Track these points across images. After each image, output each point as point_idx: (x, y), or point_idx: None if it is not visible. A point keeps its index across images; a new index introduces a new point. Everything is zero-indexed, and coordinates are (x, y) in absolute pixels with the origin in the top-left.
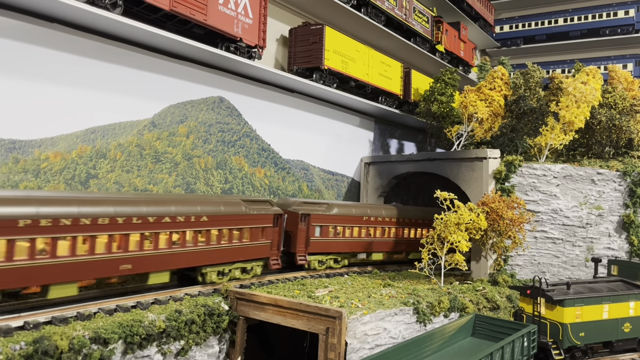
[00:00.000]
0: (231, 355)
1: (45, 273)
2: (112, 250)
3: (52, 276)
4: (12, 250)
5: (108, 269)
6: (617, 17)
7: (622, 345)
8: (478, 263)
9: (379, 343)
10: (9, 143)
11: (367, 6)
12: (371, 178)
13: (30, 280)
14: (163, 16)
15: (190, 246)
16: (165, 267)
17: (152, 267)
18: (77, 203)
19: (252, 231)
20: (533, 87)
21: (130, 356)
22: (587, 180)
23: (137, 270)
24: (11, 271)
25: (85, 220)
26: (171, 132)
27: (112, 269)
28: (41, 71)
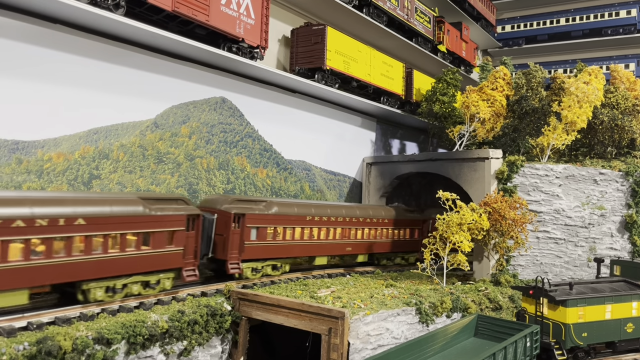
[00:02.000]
0: (234, 356)
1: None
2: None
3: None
4: None
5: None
6: (619, 17)
7: (624, 345)
8: (480, 263)
9: (381, 343)
10: (12, 144)
11: (368, 6)
12: (373, 178)
13: None
14: (165, 17)
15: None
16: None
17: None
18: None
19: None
20: (535, 87)
21: (133, 356)
22: (590, 181)
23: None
24: None
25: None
26: (173, 133)
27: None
28: (44, 72)
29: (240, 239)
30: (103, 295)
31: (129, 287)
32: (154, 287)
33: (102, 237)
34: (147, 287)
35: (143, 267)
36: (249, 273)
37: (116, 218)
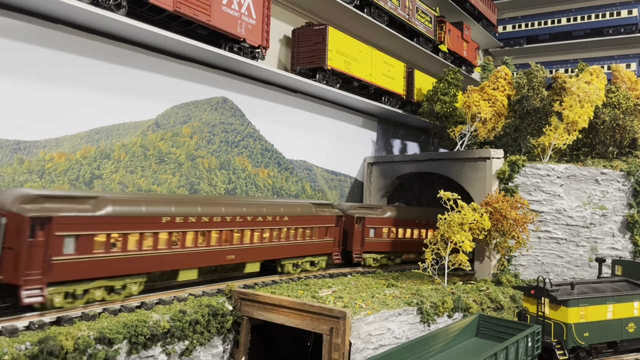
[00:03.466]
0: (235, 356)
1: None
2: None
3: None
4: None
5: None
6: (620, 17)
7: (626, 345)
8: (482, 263)
9: (382, 343)
10: (14, 144)
11: (370, 6)
12: (374, 178)
13: None
14: (167, 17)
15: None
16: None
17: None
18: None
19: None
20: (536, 87)
21: (135, 356)
22: (591, 180)
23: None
24: None
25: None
26: (175, 133)
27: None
28: (45, 72)
29: (362, 236)
30: (291, 269)
31: (303, 265)
32: (316, 265)
33: (294, 230)
34: (312, 265)
35: (313, 251)
36: (371, 262)
37: (302, 217)
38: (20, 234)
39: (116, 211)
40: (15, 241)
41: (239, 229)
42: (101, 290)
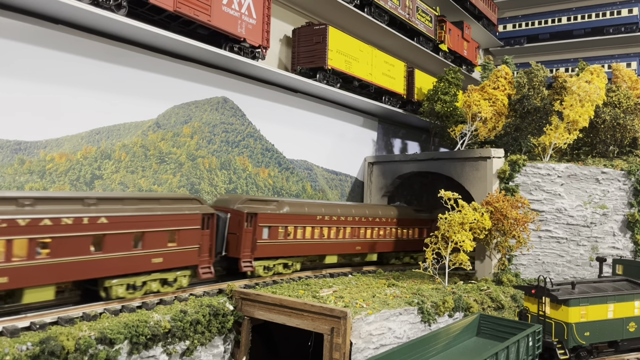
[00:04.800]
0: (236, 355)
1: None
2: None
3: None
4: None
5: None
6: (620, 16)
7: (627, 344)
8: (482, 263)
9: (383, 343)
10: (15, 144)
11: (370, 6)
12: (375, 178)
13: None
14: (167, 17)
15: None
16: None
17: None
18: None
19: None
20: (537, 86)
21: (136, 356)
22: (592, 180)
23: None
24: None
25: None
26: (175, 133)
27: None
28: (45, 72)
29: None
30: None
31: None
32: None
33: (401, 230)
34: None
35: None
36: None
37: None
38: (239, 224)
39: (291, 210)
40: (235, 229)
41: (363, 227)
42: (281, 266)
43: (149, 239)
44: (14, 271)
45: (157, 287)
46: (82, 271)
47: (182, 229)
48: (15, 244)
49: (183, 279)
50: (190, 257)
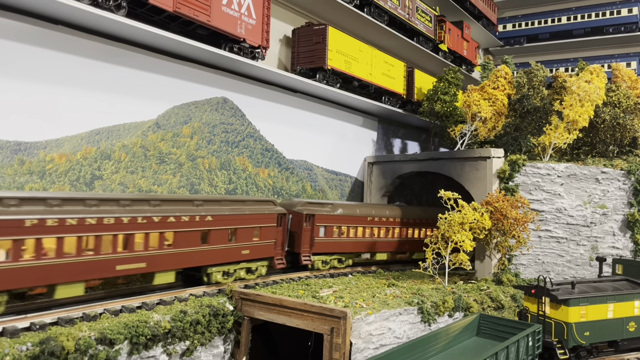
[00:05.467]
0: (236, 356)
1: None
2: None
3: None
4: None
5: None
6: (620, 15)
7: (627, 344)
8: (482, 262)
9: (383, 343)
10: (15, 145)
11: (370, 6)
12: (375, 178)
13: None
14: (167, 17)
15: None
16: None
17: None
18: None
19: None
20: (537, 86)
21: (136, 357)
22: (591, 179)
23: None
24: None
25: None
26: (175, 133)
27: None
28: (45, 73)
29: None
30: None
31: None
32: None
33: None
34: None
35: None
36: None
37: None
38: (299, 224)
39: (344, 212)
40: (296, 228)
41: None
42: (336, 261)
43: (240, 234)
44: (150, 258)
45: (244, 275)
46: (194, 259)
47: (263, 226)
48: (151, 237)
49: (262, 268)
50: (268, 250)
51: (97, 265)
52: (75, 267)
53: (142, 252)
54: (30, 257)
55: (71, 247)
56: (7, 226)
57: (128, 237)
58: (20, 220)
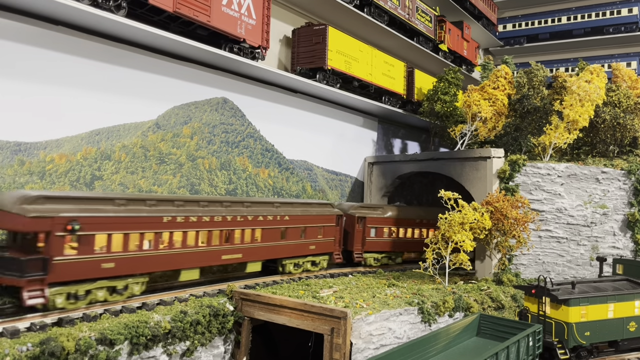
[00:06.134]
0: (236, 356)
1: None
2: None
3: None
4: None
5: None
6: (620, 15)
7: (627, 344)
8: (482, 262)
9: (383, 343)
10: (15, 145)
11: (370, 6)
12: (375, 178)
13: None
14: (167, 18)
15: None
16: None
17: None
18: None
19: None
20: (537, 86)
21: (136, 357)
22: (592, 179)
23: None
24: None
25: None
26: (175, 134)
27: None
28: (45, 73)
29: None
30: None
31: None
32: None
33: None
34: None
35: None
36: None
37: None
38: (352, 225)
39: (392, 214)
40: (349, 228)
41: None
42: (386, 258)
43: (309, 232)
44: (245, 250)
45: (309, 267)
46: (275, 252)
47: (325, 225)
48: (246, 233)
49: (324, 261)
50: (329, 246)
51: (209, 255)
52: (194, 255)
53: (239, 245)
54: (164, 247)
55: (192, 240)
56: (151, 222)
57: (229, 233)
58: (159, 217)
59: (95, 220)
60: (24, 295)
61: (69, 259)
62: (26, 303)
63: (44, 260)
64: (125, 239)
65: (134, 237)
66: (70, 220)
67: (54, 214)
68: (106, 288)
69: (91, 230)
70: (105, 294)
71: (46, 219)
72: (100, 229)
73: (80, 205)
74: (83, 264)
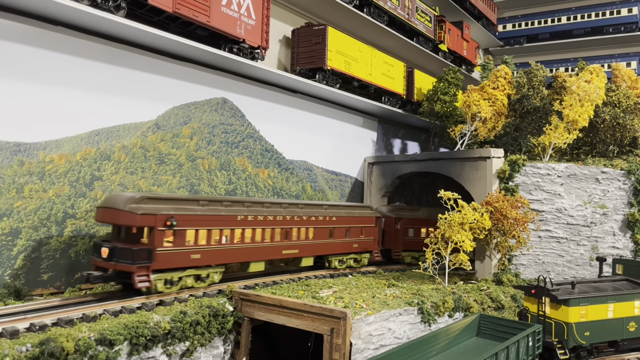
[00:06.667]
0: (236, 356)
1: None
2: None
3: None
4: None
5: None
6: (620, 15)
7: (627, 344)
8: (482, 263)
9: (383, 343)
10: (14, 146)
11: (369, 6)
12: (375, 178)
13: None
14: (166, 18)
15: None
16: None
17: None
18: None
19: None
20: (536, 86)
21: (136, 357)
22: (592, 179)
23: None
24: None
25: None
26: (175, 134)
27: None
28: (45, 74)
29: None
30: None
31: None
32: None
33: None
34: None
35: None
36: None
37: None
38: (390, 226)
39: (425, 215)
40: (387, 229)
41: None
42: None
43: (352, 232)
44: (300, 247)
45: (352, 263)
46: (325, 249)
47: (366, 226)
48: (301, 231)
49: (365, 259)
50: (369, 245)
51: (273, 250)
52: (261, 250)
53: (296, 242)
54: (238, 242)
55: (259, 236)
56: (228, 220)
57: (288, 231)
58: (234, 216)
59: (186, 217)
60: (135, 279)
61: (167, 250)
62: (137, 285)
63: (149, 251)
64: (208, 234)
65: (215, 233)
66: (169, 217)
67: (157, 212)
68: (193, 276)
69: (183, 226)
70: (192, 281)
71: (150, 216)
72: (189, 225)
73: (175, 205)
74: (177, 255)
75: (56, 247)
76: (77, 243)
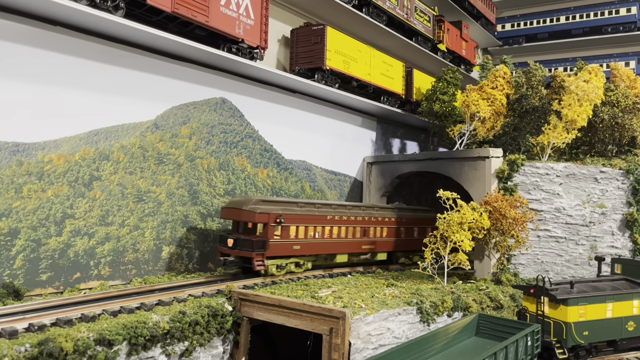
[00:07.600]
0: (235, 356)
1: None
2: None
3: None
4: None
5: None
6: (619, 15)
7: (626, 344)
8: (481, 262)
9: (382, 343)
10: (13, 146)
11: (368, 6)
12: (374, 178)
13: None
14: (165, 18)
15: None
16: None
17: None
18: None
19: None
20: (535, 86)
21: (135, 357)
22: (590, 179)
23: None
24: None
25: None
26: (174, 134)
27: None
28: (44, 74)
29: None
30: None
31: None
32: None
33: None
34: None
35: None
36: None
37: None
38: None
39: None
40: None
41: None
42: None
43: (418, 232)
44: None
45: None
46: (395, 246)
47: (429, 227)
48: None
49: None
50: None
51: (354, 245)
52: (345, 244)
53: (372, 239)
54: (327, 236)
55: (343, 233)
56: (320, 219)
57: (366, 229)
58: (324, 216)
59: (289, 216)
60: (255, 263)
61: (277, 241)
62: (255, 268)
63: (264, 242)
64: (305, 230)
65: (310, 229)
66: (278, 216)
67: (269, 211)
68: (294, 263)
69: (288, 223)
70: (294, 267)
71: (265, 214)
72: (292, 222)
73: (281, 206)
74: (284, 245)
75: (55, 247)
76: (76, 243)
